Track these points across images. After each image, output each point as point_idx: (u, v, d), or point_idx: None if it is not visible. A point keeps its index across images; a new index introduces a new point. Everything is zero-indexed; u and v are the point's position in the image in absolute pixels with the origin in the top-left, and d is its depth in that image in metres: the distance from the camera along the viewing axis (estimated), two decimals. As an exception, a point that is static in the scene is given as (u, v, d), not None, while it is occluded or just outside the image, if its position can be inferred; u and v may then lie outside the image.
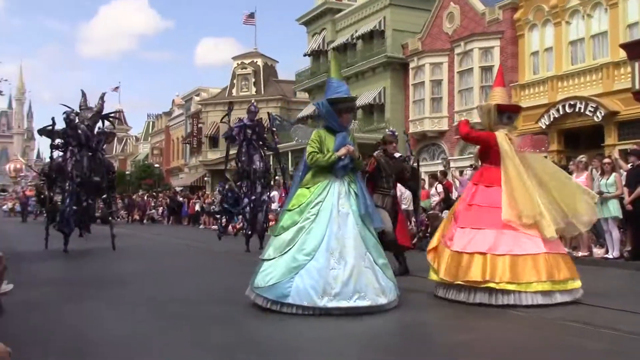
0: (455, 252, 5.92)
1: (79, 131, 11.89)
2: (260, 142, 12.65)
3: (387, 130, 11.59)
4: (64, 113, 12.08)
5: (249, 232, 12.37)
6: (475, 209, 6.13)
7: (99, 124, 12.42)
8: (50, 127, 12.54)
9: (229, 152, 13.44)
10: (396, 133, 9.24)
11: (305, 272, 5.10)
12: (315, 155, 5.55)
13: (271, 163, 14.58)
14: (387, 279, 5.36)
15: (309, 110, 33.90)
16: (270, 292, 5.19)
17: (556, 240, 6.05)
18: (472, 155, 18.52)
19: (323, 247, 5.16)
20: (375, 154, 8.26)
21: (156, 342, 4.34)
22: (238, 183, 12.61)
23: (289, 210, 5.50)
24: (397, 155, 8.61)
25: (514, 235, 5.82)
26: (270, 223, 12.48)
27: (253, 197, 12.31)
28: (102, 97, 12.54)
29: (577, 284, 5.91)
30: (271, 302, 5.20)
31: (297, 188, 5.69)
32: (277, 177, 16.72)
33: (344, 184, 5.53)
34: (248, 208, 12.29)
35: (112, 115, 13.39)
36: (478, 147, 6.76)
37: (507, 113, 6.50)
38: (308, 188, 5.54)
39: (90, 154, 12.01)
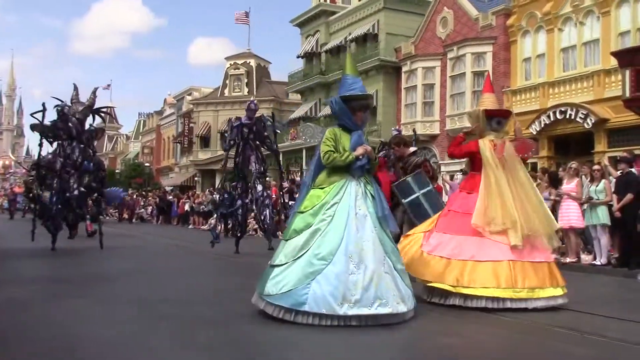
0: (423, 252, 6.11)
1: (70, 124, 11.69)
2: (258, 142, 12.17)
3: (393, 130, 11.58)
4: (57, 106, 11.88)
5: (239, 234, 12.15)
6: (452, 214, 6.27)
7: (90, 119, 12.24)
8: (41, 112, 12.04)
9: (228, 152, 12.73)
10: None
11: (323, 278, 4.75)
12: (331, 155, 5.21)
13: (270, 164, 14.15)
14: (405, 286, 5.07)
15: (301, 111, 33.89)
16: (284, 299, 4.80)
17: (535, 248, 6.00)
18: (463, 160, 18.57)
19: (341, 251, 4.85)
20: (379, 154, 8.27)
21: (144, 342, 4.30)
22: (233, 184, 12.27)
23: (301, 213, 5.15)
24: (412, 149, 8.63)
25: (479, 241, 5.91)
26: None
27: (247, 200, 12.01)
28: (94, 92, 12.45)
29: (552, 292, 5.86)
30: (284, 310, 4.82)
31: (308, 189, 5.36)
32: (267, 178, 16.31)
33: (360, 185, 5.22)
34: (241, 210, 12.01)
35: (104, 110, 13.17)
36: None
37: (497, 118, 6.47)
38: (322, 188, 5.20)
39: (81, 146, 11.86)
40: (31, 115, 12.12)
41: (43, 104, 12.14)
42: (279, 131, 13.68)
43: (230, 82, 43.27)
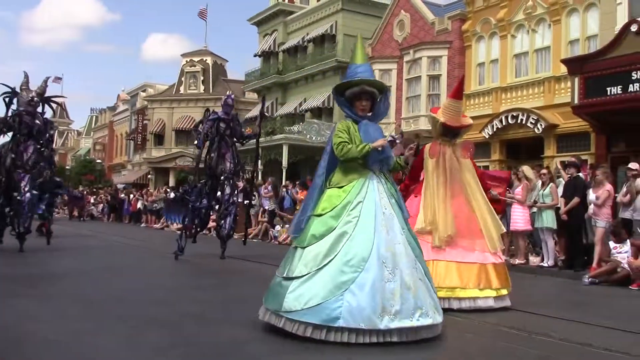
0: None
1: (36, 119, 10.98)
2: (235, 139, 11.37)
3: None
4: (6, 94, 11.02)
5: (197, 231, 11.54)
6: None
7: (40, 108, 11.45)
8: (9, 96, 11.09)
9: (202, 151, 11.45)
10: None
11: (357, 287, 4.19)
12: (345, 146, 4.67)
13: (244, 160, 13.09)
14: (434, 294, 4.63)
15: (257, 110, 33.74)
16: (312, 315, 4.19)
17: (469, 249, 6.08)
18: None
19: (374, 256, 4.30)
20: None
21: (89, 341, 4.22)
22: (202, 181, 11.24)
23: (319, 216, 4.56)
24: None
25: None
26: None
27: (212, 201, 11.29)
28: (45, 81, 11.95)
29: (479, 292, 5.97)
30: (313, 327, 4.21)
31: (321, 190, 4.79)
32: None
33: (381, 182, 4.73)
34: (203, 210, 11.23)
35: (55, 99, 12.20)
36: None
37: (453, 131, 6.54)
38: (341, 187, 4.65)
39: (38, 146, 11.15)
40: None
41: (13, 89, 11.22)
42: (266, 114, 13.04)
43: (186, 79, 42.79)
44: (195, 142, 11.42)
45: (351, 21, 28.34)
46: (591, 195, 10.20)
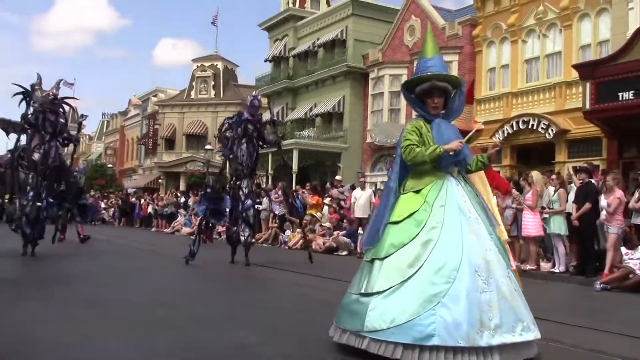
0: None
1: (59, 117, 10.64)
2: (260, 142, 11.00)
3: None
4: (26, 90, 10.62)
5: (250, 241, 10.72)
6: None
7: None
8: (25, 92, 10.73)
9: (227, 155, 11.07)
10: None
11: (451, 300, 3.69)
12: (413, 149, 4.25)
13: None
14: (528, 306, 4.11)
15: (267, 115, 33.78)
16: (402, 334, 3.70)
17: None
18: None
19: (465, 264, 3.82)
20: None
21: (98, 344, 4.22)
22: (232, 183, 10.90)
23: (396, 223, 4.10)
24: None
25: None
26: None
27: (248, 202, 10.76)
28: (58, 83, 11.82)
29: None
30: (403, 347, 3.70)
31: (395, 196, 4.34)
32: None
33: (460, 184, 4.30)
34: (252, 211, 10.78)
35: (68, 100, 11.78)
36: None
37: (462, 135, 6.46)
38: (418, 192, 4.19)
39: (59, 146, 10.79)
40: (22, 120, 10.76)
41: (32, 86, 10.87)
42: (275, 119, 12.66)
43: (197, 84, 42.96)
44: (222, 152, 11.29)
45: (361, 26, 28.36)
46: (602, 201, 10.12)
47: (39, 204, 10.41)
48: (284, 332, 4.84)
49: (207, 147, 33.06)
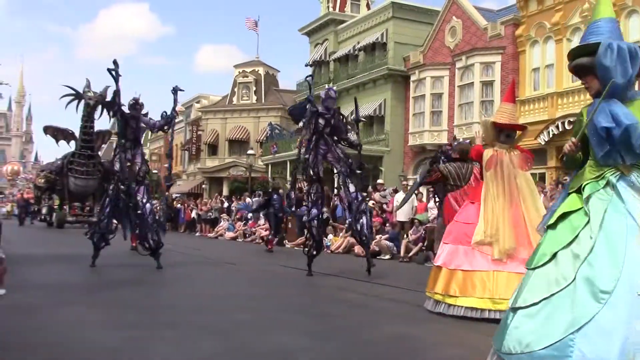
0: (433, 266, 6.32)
1: (141, 124, 9.98)
2: (336, 138, 9.77)
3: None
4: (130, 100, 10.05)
5: (314, 252, 9.66)
6: (453, 224, 6.33)
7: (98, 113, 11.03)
8: (76, 94, 10.42)
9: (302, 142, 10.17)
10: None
11: (596, 329, 2.91)
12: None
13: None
14: None
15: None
16: None
17: (523, 259, 5.92)
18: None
19: (623, 285, 2.97)
20: (440, 166, 8.07)
21: (144, 349, 4.29)
22: (306, 189, 10.09)
23: (552, 227, 3.38)
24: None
25: (469, 251, 5.93)
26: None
27: (324, 208, 10.02)
28: (106, 89, 11.63)
29: None
30: None
31: (565, 193, 3.55)
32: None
33: (633, 181, 3.26)
34: (315, 222, 9.67)
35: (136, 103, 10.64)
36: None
37: (506, 131, 6.38)
38: (577, 192, 3.40)
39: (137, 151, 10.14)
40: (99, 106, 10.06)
41: (77, 92, 10.59)
42: (362, 119, 11.06)
43: (239, 90, 43.39)
44: (300, 153, 10.15)
45: (402, 29, 28.23)
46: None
47: (141, 209, 9.76)
48: (326, 337, 4.84)
49: (250, 152, 33.36)
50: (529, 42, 21.15)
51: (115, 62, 9.86)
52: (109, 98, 10.42)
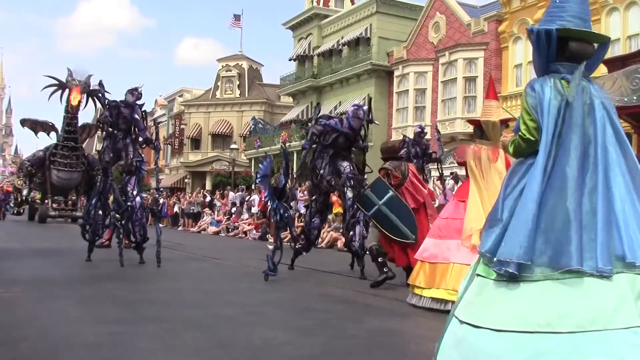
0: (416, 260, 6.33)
1: (135, 114, 9.50)
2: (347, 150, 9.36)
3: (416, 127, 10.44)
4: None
5: (303, 252, 9.66)
6: (440, 221, 6.38)
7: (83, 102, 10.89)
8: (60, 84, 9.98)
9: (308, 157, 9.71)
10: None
11: None
12: None
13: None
14: None
15: (292, 114, 33.88)
16: None
17: None
18: (454, 164, 18.61)
19: None
20: (391, 169, 7.66)
21: (127, 344, 4.27)
22: (314, 197, 9.88)
23: None
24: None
25: (455, 245, 5.94)
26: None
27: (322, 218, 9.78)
28: (88, 77, 11.50)
29: None
30: None
31: None
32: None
33: None
34: (316, 231, 9.69)
35: (99, 94, 10.33)
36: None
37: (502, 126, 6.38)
38: None
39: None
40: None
41: (61, 81, 10.18)
42: (377, 122, 10.65)
43: (222, 84, 43.22)
44: (307, 160, 9.69)
45: (386, 24, 28.27)
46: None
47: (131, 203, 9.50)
48: (310, 332, 4.85)
49: (233, 146, 33.26)
50: (511, 38, 21.28)
51: (101, 84, 9.80)
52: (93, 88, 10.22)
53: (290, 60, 34.61)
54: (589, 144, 2.81)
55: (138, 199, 9.67)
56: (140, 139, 9.71)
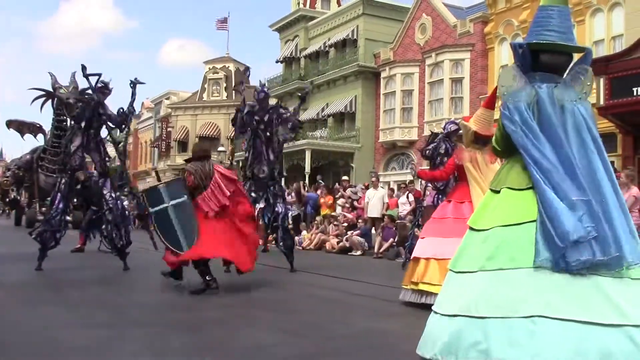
0: (413, 258, 6.34)
1: (108, 111, 9.12)
2: (268, 134, 9.64)
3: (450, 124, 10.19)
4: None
5: (283, 249, 9.71)
6: (439, 221, 6.37)
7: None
8: (49, 94, 9.37)
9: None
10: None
11: None
12: None
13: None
14: None
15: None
16: None
17: None
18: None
19: None
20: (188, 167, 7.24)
21: (115, 347, 4.25)
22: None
23: None
24: None
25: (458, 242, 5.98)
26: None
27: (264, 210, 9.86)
28: (73, 75, 10.89)
29: None
30: None
31: None
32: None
33: None
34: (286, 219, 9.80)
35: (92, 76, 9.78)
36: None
37: (483, 140, 6.43)
38: None
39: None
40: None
41: (48, 91, 9.64)
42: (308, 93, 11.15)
43: (209, 86, 43.12)
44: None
45: (372, 25, 28.32)
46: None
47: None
48: (299, 333, 4.85)
49: (220, 148, 33.17)
50: (497, 39, 21.41)
51: (83, 67, 9.24)
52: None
53: (277, 62, 34.59)
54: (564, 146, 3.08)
55: (119, 202, 9.40)
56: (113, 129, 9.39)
